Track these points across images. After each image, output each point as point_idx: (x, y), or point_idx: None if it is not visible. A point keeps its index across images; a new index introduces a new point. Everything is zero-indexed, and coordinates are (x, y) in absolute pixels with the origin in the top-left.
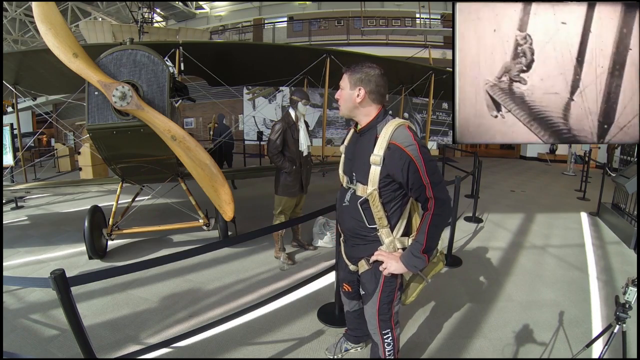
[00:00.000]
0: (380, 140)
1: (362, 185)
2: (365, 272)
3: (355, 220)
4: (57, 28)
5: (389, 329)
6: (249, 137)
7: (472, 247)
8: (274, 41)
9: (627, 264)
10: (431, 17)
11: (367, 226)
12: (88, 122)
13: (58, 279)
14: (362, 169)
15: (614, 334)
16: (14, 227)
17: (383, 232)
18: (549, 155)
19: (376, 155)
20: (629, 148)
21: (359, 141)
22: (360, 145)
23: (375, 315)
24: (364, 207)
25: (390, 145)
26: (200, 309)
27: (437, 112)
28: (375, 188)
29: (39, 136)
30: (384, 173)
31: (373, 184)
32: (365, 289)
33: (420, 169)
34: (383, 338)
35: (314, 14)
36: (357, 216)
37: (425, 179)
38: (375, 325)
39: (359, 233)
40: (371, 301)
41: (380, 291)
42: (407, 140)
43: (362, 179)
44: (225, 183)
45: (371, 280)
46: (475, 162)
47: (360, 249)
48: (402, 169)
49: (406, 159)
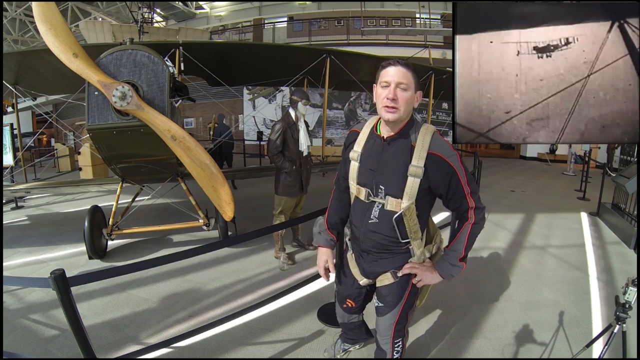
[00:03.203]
0: (418, 149)
1: (394, 199)
2: (388, 285)
3: (387, 237)
4: (57, 28)
5: (401, 337)
6: (249, 137)
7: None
8: (274, 41)
9: (627, 264)
10: (431, 17)
11: (399, 241)
12: (88, 122)
13: (58, 279)
14: (394, 181)
15: (614, 334)
16: (14, 227)
17: (415, 244)
18: (549, 155)
19: (417, 167)
20: (629, 148)
21: (387, 150)
22: (391, 155)
23: (392, 326)
24: (398, 223)
25: (431, 156)
26: (200, 309)
27: (437, 112)
28: (413, 201)
29: (39, 136)
30: (424, 185)
31: (410, 198)
32: (386, 302)
33: (462, 179)
34: (394, 347)
35: (314, 14)
36: (389, 232)
37: (467, 189)
38: (389, 336)
39: (388, 248)
40: (391, 313)
41: (404, 303)
42: (448, 151)
43: (395, 192)
44: (225, 183)
45: (395, 292)
46: (475, 162)
47: (386, 263)
48: (445, 180)
49: (449, 169)
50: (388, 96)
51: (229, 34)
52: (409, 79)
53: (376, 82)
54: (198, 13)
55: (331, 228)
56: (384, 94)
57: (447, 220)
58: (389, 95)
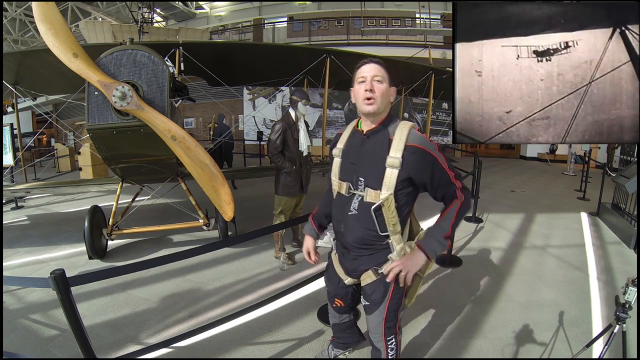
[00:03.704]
0: (395, 142)
1: (373, 191)
2: (371, 283)
3: (366, 229)
4: (57, 28)
5: (394, 334)
6: (249, 137)
7: (472, 247)
8: (274, 41)
9: (627, 264)
10: (431, 17)
11: (379, 234)
12: (88, 122)
13: (58, 279)
14: (373, 172)
15: (614, 334)
16: (14, 227)
17: (395, 239)
18: (549, 155)
19: (394, 158)
20: (629, 148)
21: (366, 144)
22: (370, 148)
23: (382, 323)
24: (377, 214)
25: (409, 147)
26: (200, 309)
27: (437, 112)
28: (391, 192)
29: (39, 136)
30: (402, 176)
31: (389, 188)
32: (371, 300)
33: (443, 165)
34: (387, 344)
35: (314, 14)
36: (369, 224)
37: (450, 173)
38: (380, 334)
39: (368, 243)
40: (378, 311)
41: (389, 299)
42: (426, 142)
43: (374, 184)
44: (225, 183)
45: (379, 290)
46: (475, 162)
47: (366, 260)
48: (427, 169)
49: (430, 158)
50: (366, 88)
51: (229, 34)
52: (383, 73)
53: (353, 84)
54: (198, 13)
55: (314, 219)
56: (362, 89)
57: None
58: (366, 87)
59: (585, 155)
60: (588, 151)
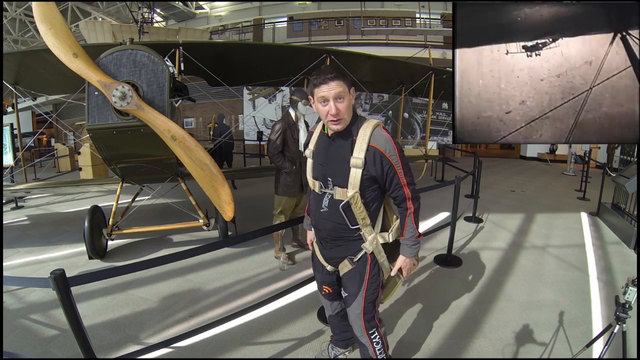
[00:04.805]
0: (359, 142)
1: (341, 189)
2: (348, 272)
3: (336, 224)
4: (57, 28)
5: (375, 327)
6: (249, 137)
7: (472, 247)
8: (274, 41)
9: (627, 264)
10: (431, 17)
11: (349, 227)
12: (88, 122)
13: (58, 279)
14: (339, 172)
15: (614, 334)
16: (14, 227)
17: (366, 230)
18: (549, 155)
19: (357, 158)
20: (629, 148)
21: (332, 145)
22: (335, 149)
23: (361, 315)
24: (345, 210)
25: (370, 148)
26: (200, 309)
27: (437, 112)
28: (357, 191)
29: (39, 136)
30: (365, 175)
31: (354, 187)
32: (349, 290)
33: (399, 171)
34: (371, 338)
35: (314, 14)
36: (339, 220)
37: (403, 180)
38: (361, 327)
39: (340, 235)
40: (355, 302)
41: (365, 289)
42: (387, 144)
43: (341, 183)
44: (225, 183)
45: (355, 279)
46: (475, 162)
47: (342, 249)
48: (383, 171)
49: (386, 163)
50: (330, 112)
51: (229, 34)
52: (343, 89)
53: (312, 96)
54: (198, 13)
55: (309, 212)
56: (325, 110)
57: (447, 220)
58: (331, 111)
59: (585, 155)
60: (588, 151)
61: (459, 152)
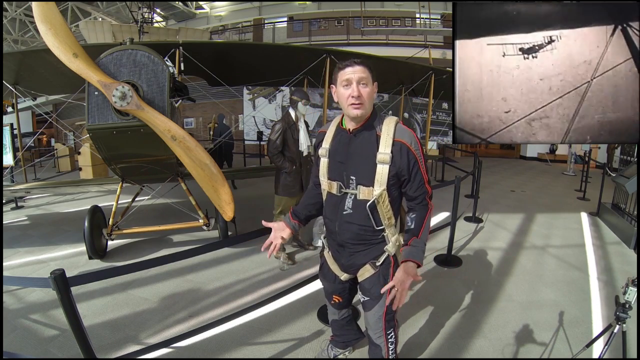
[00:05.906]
0: (384, 137)
1: (366, 188)
2: (370, 277)
3: (361, 226)
4: (57, 28)
5: (393, 327)
6: (249, 137)
7: (472, 247)
8: (274, 41)
9: (627, 264)
10: (431, 17)
11: (374, 229)
12: (88, 122)
13: (58, 279)
14: (364, 170)
15: (614, 334)
16: (14, 227)
17: (390, 232)
18: (549, 155)
19: (384, 154)
20: (629, 148)
21: (354, 141)
22: (358, 145)
23: (382, 317)
24: (372, 210)
25: (396, 143)
26: (200, 309)
27: (437, 112)
28: (384, 188)
29: (39, 136)
30: (392, 171)
31: (381, 184)
32: (370, 294)
33: (422, 167)
34: (387, 338)
35: (314, 14)
36: (364, 221)
37: (425, 177)
38: (380, 328)
39: (364, 238)
40: (378, 305)
41: (388, 292)
42: (412, 139)
43: (366, 181)
44: (225, 183)
45: (378, 283)
46: (475, 162)
47: (362, 255)
48: (409, 166)
49: (412, 157)
50: (353, 94)
51: (229, 34)
52: (367, 74)
53: (334, 84)
54: (198, 13)
55: (293, 213)
56: (347, 93)
57: (447, 220)
58: (353, 93)
59: (585, 155)
60: (588, 151)
61: (459, 152)
